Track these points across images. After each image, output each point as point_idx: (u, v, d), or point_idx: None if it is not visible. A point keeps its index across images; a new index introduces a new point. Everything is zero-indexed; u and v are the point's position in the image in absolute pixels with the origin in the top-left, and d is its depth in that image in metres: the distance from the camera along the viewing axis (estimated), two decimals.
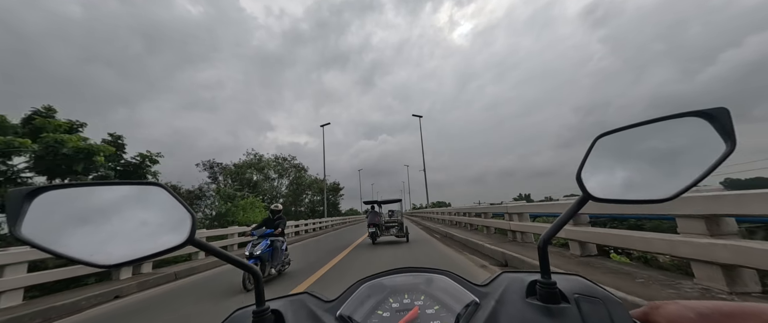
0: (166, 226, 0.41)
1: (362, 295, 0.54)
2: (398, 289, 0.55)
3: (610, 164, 0.46)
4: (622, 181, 0.45)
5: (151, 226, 0.41)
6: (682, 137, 0.43)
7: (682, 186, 0.40)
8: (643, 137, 0.46)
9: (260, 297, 0.47)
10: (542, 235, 0.47)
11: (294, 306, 0.52)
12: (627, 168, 0.46)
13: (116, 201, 0.41)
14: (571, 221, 3.00)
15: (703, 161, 0.40)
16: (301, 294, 0.56)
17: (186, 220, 0.42)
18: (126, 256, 0.38)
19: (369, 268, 5.45)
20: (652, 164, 0.44)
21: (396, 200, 10.89)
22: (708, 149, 0.41)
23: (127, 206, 0.41)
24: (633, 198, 0.44)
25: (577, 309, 0.43)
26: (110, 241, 0.38)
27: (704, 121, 0.42)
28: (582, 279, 0.51)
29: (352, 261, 6.70)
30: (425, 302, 0.51)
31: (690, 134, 0.42)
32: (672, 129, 0.44)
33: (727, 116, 0.40)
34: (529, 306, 0.46)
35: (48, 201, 0.37)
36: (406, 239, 9.22)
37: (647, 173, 0.44)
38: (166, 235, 0.41)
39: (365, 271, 4.43)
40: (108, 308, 4.38)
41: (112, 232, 0.38)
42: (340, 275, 5.20)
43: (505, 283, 0.52)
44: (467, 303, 0.48)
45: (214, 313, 3.51)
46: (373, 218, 9.44)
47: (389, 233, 9.60)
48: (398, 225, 9.74)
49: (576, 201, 0.46)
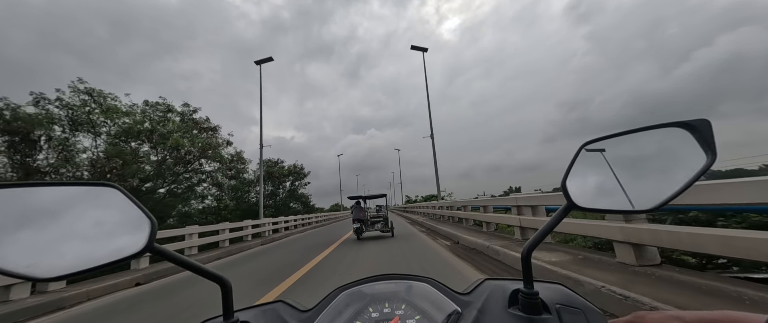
0: (121, 232, 0.37)
1: (340, 304, 0.52)
2: (378, 297, 0.53)
3: (595, 172, 0.46)
4: (604, 190, 0.45)
5: (102, 232, 0.36)
6: (665, 148, 0.43)
7: (665, 197, 0.41)
8: (626, 145, 0.46)
9: (229, 309, 0.44)
10: (526, 244, 0.46)
11: (266, 317, 0.49)
12: (610, 177, 0.46)
13: (62, 204, 0.36)
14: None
15: (685, 172, 0.41)
16: (275, 302, 0.53)
17: (144, 225, 0.38)
18: (71, 267, 0.34)
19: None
20: (635, 174, 0.45)
21: (381, 195, 10.82)
22: (689, 161, 0.41)
23: (75, 210, 0.36)
24: (615, 208, 0.44)
25: (559, 320, 0.43)
26: (53, 250, 0.34)
27: (686, 132, 0.42)
28: (563, 289, 0.51)
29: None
30: (406, 311, 0.50)
31: (672, 145, 0.43)
32: (655, 139, 0.44)
33: (709, 128, 0.41)
34: (511, 317, 0.45)
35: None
36: (391, 235, 9.20)
37: (630, 183, 0.44)
38: (120, 242, 0.37)
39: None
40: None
41: (56, 240, 0.34)
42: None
43: (488, 292, 0.51)
44: (449, 313, 0.47)
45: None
46: (358, 214, 9.33)
47: (374, 228, 9.54)
48: (383, 220, 9.69)
49: (561, 209, 0.46)
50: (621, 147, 0.46)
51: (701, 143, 0.41)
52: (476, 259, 4.76)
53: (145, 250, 0.37)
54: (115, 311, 3.67)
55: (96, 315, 3.59)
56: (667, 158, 0.43)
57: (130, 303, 3.97)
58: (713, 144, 0.40)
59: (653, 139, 0.44)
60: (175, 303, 3.71)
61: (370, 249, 6.70)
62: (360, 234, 9.00)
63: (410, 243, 7.42)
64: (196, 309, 3.27)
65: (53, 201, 0.35)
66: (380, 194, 10.83)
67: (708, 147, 0.40)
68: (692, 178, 0.40)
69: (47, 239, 0.33)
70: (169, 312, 3.32)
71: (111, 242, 0.36)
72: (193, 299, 3.74)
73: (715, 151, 0.40)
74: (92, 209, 0.37)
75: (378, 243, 7.69)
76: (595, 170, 0.46)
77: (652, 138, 0.44)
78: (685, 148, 0.42)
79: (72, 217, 0.35)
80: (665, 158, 0.43)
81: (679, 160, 0.42)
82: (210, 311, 0.48)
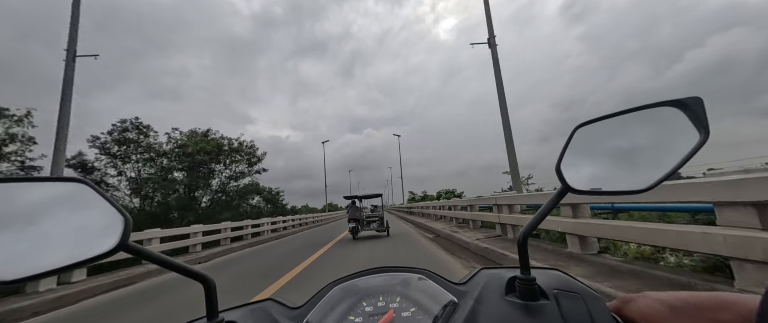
0: (92, 229, 0.35)
1: (333, 299, 0.50)
2: (372, 291, 0.51)
3: (589, 154, 0.45)
4: (600, 172, 0.44)
5: (71, 230, 0.34)
6: (658, 127, 0.43)
7: (659, 176, 0.40)
8: (620, 126, 0.45)
9: (213, 309, 0.42)
10: (522, 229, 0.45)
11: (254, 317, 0.47)
12: (605, 159, 0.45)
13: (28, 201, 0.33)
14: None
15: (679, 150, 0.40)
16: (264, 301, 0.51)
17: (117, 221, 0.35)
18: (36, 267, 0.31)
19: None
20: (630, 155, 0.44)
21: (377, 195, 10.92)
22: (683, 139, 0.40)
23: (41, 207, 0.33)
24: (612, 189, 0.43)
25: (557, 305, 0.42)
26: (19, 250, 0.31)
27: (678, 110, 0.42)
28: (560, 274, 0.50)
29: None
30: (401, 304, 0.48)
31: (665, 124, 0.42)
32: (648, 119, 0.43)
33: (701, 106, 0.40)
34: (508, 304, 0.44)
35: None
36: (386, 234, 9.27)
37: (625, 164, 0.43)
38: (91, 240, 0.34)
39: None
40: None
41: (22, 239, 0.31)
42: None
43: (484, 280, 0.50)
44: (445, 304, 0.46)
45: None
46: (354, 213, 9.40)
47: (369, 227, 9.61)
48: (379, 220, 9.76)
49: (556, 192, 0.45)
50: (615, 128, 0.45)
51: (694, 121, 0.40)
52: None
53: (118, 248, 0.34)
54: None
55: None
56: (661, 137, 0.43)
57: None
58: (706, 122, 0.40)
59: (646, 118, 0.44)
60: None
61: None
62: (355, 234, 9.02)
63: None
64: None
65: (19, 198, 0.33)
66: (376, 194, 10.92)
67: (700, 125, 0.40)
68: (686, 156, 0.39)
69: (12, 238, 0.31)
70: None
71: (80, 240, 0.34)
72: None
73: (708, 128, 0.39)
74: (60, 205, 0.34)
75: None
76: (590, 152, 0.45)
77: (645, 118, 0.44)
78: (679, 126, 0.41)
79: (39, 214, 0.33)
80: (659, 137, 0.43)
81: (673, 138, 0.41)
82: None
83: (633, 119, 0.45)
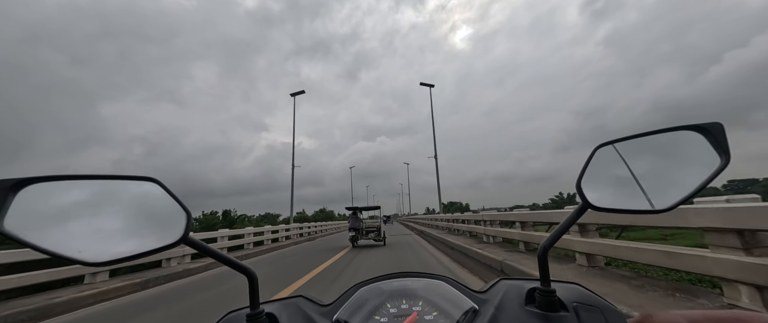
0: (160, 223, 0.40)
1: (359, 299, 0.53)
2: (396, 294, 0.54)
3: (609, 173, 0.47)
4: (620, 191, 0.46)
5: (143, 223, 0.39)
6: (679, 150, 0.44)
7: (679, 198, 0.42)
8: (641, 148, 0.47)
9: (254, 300, 0.46)
10: (542, 243, 0.47)
11: (289, 310, 0.51)
12: (625, 178, 0.46)
13: (107, 195, 0.38)
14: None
15: (699, 173, 0.41)
16: (295, 297, 0.55)
17: (181, 217, 0.40)
18: (116, 254, 0.36)
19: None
20: (650, 176, 0.45)
21: (375, 207, 12.24)
22: (704, 163, 0.42)
23: (118, 201, 0.39)
24: (631, 208, 0.44)
25: (576, 317, 0.44)
26: (100, 237, 0.36)
27: (699, 135, 0.43)
28: (580, 288, 0.51)
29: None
30: (423, 308, 0.51)
31: (687, 147, 0.44)
32: (669, 142, 0.45)
33: (721, 131, 0.42)
34: (528, 314, 0.45)
35: (34, 194, 0.35)
36: (383, 243, 10.10)
37: (645, 184, 0.45)
38: (158, 233, 0.39)
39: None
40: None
41: (102, 228, 0.36)
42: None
43: (504, 290, 0.52)
44: (466, 310, 0.48)
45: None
46: (354, 223, 10.27)
47: (368, 237, 10.49)
48: (376, 230, 10.65)
49: (576, 209, 0.46)
50: (635, 149, 0.47)
51: (714, 145, 0.42)
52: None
53: (181, 241, 0.39)
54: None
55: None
56: (681, 160, 0.44)
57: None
58: (726, 146, 0.41)
59: (667, 141, 0.45)
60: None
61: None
62: (355, 242, 9.88)
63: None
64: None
65: (101, 192, 0.38)
66: (374, 206, 12.25)
67: (721, 150, 0.41)
68: (707, 179, 0.41)
69: (95, 227, 0.36)
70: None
71: (150, 232, 0.39)
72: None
73: (728, 153, 0.41)
74: (134, 201, 0.39)
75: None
76: (610, 171, 0.47)
77: (665, 141, 0.45)
78: (699, 150, 0.43)
79: (116, 208, 0.38)
80: (679, 159, 0.44)
81: (694, 162, 0.43)
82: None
83: (653, 141, 0.46)
